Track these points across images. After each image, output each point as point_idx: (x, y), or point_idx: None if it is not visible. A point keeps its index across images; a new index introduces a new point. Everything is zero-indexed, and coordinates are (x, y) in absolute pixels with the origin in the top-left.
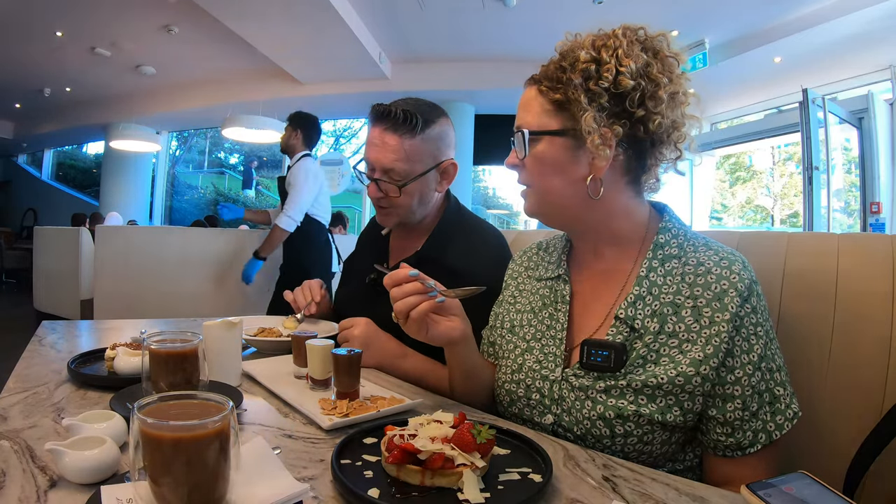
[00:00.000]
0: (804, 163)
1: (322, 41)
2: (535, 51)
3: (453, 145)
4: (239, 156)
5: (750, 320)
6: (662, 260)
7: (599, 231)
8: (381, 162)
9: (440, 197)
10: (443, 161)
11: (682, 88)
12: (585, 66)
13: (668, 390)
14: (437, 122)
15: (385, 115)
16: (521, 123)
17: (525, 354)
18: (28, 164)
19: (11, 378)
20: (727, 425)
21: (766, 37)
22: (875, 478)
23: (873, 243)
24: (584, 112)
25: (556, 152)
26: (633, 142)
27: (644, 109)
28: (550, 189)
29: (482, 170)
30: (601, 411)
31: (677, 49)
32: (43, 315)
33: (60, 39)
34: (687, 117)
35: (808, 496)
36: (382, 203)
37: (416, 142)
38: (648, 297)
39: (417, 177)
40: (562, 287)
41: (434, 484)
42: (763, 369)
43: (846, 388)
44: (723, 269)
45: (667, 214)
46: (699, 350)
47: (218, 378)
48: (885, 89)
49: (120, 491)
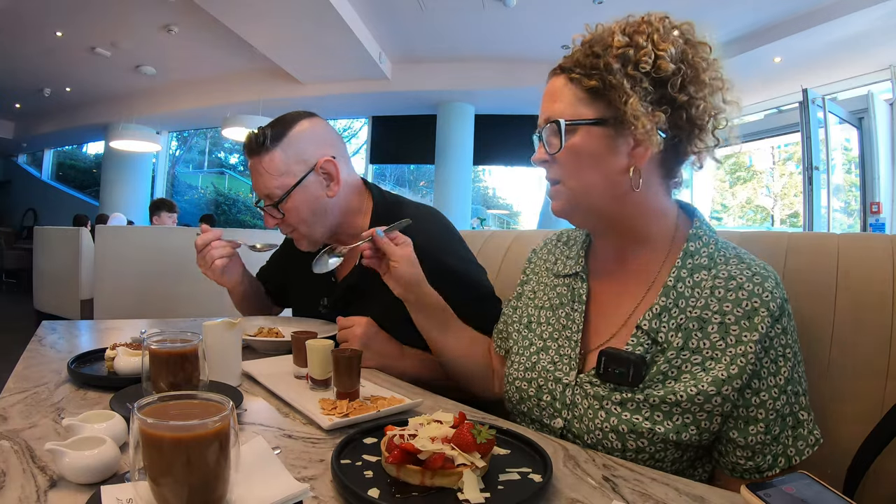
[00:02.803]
0: (804, 163)
1: (322, 41)
2: (535, 51)
3: (328, 142)
4: (239, 156)
5: (779, 341)
6: (692, 270)
7: (628, 230)
8: (259, 190)
9: (345, 198)
10: (316, 161)
11: (718, 74)
12: (622, 50)
13: (687, 408)
14: (294, 129)
15: (245, 147)
16: (550, 114)
17: (540, 353)
18: (28, 164)
19: (11, 378)
20: (748, 449)
21: (766, 37)
22: (875, 478)
23: (873, 243)
24: (629, 97)
25: (595, 143)
26: (673, 129)
27: (686, 94)
28: (588, 184)
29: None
30: (614, 424)
31: (703, 38)
32: (43, 315)
33: (60, 39)
34: (727, 102)
35: (808, 496)
36: (283, 229)
37: (274, 155)
38: (674, 310)
39: (292, 189)
40: (579, 285)
41: (434, 484)
42: (789, 392)
43: (846, 388)
44: (755, 286)
45: (697, 219)
46: (723, 369)
47: (218, 378)
48: (885, 89)
49: (120, 491)
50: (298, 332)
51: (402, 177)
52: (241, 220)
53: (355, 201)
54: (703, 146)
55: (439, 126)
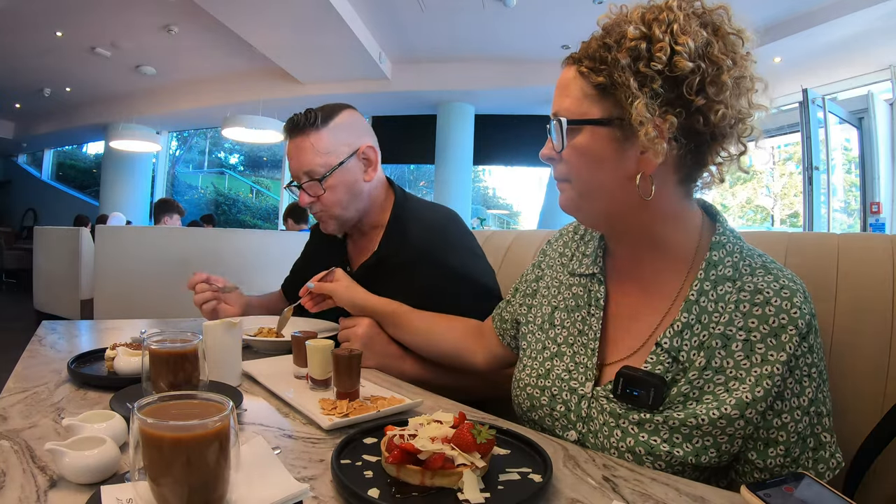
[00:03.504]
0: (804, 163)
1: (322, 41)
2: (535, 51)
3: (369, 132)
4: (239, 156)
5: (805, 360)
6: (715, 282)
7: (643, 238)
8: (300, 166)
9: (376, 188)
10: (360, 146)
11: (748, 72)
12: (634, 43)
13: (708, 431)
14: (341, 114)
15: (290, 125)
16: (557, 109)
17: (554, 359)
18: (28, 164)
19: (11, 378)
20: (766, 471)
21: (766, 37)
22: (875, 478)
23: (873, 243)
24: (635, 99)
25: (600, 145)
26: (689, 134)
27: (704, 97)
28: (593, 187)
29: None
30: (631, 444)
31: (739, 25)
32: (43, 315)
33: (60, 39)
34: (754, 107)
35: (808, 496)
36: (315, 209)
37: (322, 134)
38: (697, 326)
39: (336, 167)
40: (596, 288)
41: (434, 484)
42: (812, 414)
43: (846, 389)
44: (783, 301)
45: (720, 225)
46: (747, 391)
47: (218, 378)
48: (885, 89)
49: (120, 491)
50: (298, 332)
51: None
52: (241, 220)
53: (381, 194)
54: (725, 156)
55: (439, 126)
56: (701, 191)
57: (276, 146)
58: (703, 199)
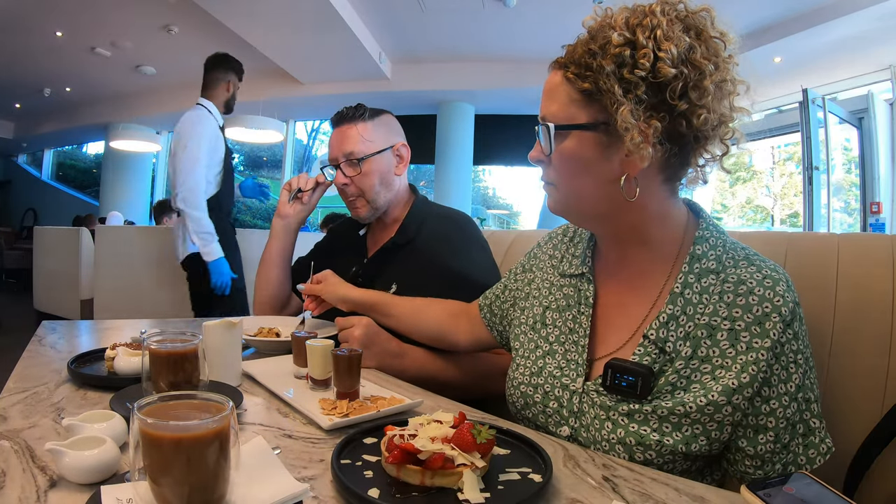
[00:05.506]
0: (804, 163)
1: (322, 41)
2: (535, 51)
3: (402, 135)
4: (239, 156)
5: (791, 347)
6: (699, 275)
7: (629, 236)
8: (342, 149)
9: (402, 185)
10: (396, 143)
11: (729, 76)
12: (619, 50)
13: (696, 419)
14: (384, 115)
15: (338, 116)
16: (545, 114)
17: (546, 357)
18: (28, 164)
19: (11, 378)
20: (757, 458)
21: (766, 37)
22: (875, 478)
23: (873, 243)
24: (620, 105)
25: (586, 149)
26: (673, 138)
27: (687, 102)
28: (579, 190)
29: (482, 170)
30: (621, 436)
31: (722, 28)
32: (43, 315)
33: (60, 39)
34: (735, 110)
35: (808, 496)
36: (349, 191)
37: (368, 125)
38: (682, 318)
39: (375, 153)
40: (585, 287)
41: (434, 484)
42: (800, 400)
43: (846, 388)
44: (766, 290)
45: (703, 220)
46: (733, 377)
47: (218, 378)
48: (885, 89)
49: (120, 491)
50: (298, 332)
51: None
52: (242, 221)
53: (405, 193)
54: (708, 156)
55: (439, 126)
56: (686, 188)
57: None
58: (688, 199)
